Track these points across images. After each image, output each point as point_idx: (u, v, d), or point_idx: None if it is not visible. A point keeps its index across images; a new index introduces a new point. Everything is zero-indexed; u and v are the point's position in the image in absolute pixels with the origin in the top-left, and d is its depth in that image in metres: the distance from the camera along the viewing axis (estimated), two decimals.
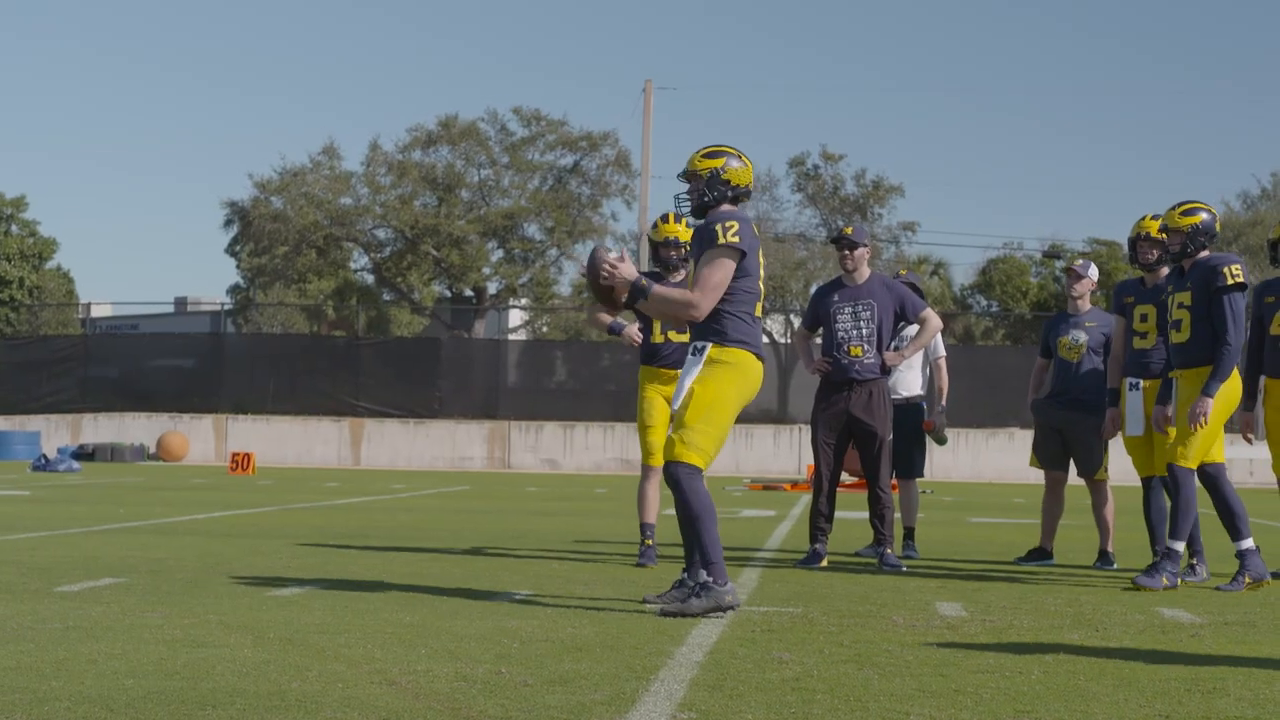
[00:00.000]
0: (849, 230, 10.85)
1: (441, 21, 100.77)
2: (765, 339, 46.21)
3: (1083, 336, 11.11)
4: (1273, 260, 10.46)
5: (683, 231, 10.56)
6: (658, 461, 10.44)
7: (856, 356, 10.65)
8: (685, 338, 10.56)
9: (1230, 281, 9.19)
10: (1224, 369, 9.13)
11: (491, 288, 53.74)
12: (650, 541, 10.72)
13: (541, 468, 36.41)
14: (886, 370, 10.78)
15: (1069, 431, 11.13)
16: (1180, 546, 9.38)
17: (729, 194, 7.97)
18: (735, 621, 7.36)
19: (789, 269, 46.85)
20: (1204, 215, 9.42)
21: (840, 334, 10.71)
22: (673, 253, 10.52)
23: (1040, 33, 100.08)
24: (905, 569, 10.53)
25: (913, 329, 11.54)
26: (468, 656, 6.10)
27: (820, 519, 10.72)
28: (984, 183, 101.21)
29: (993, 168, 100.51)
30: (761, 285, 7.92)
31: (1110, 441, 11.05)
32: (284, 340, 45.28)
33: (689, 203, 8.06)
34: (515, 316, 55.85)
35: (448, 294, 55.35)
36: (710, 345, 7.75)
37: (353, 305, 51.23)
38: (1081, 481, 11.34)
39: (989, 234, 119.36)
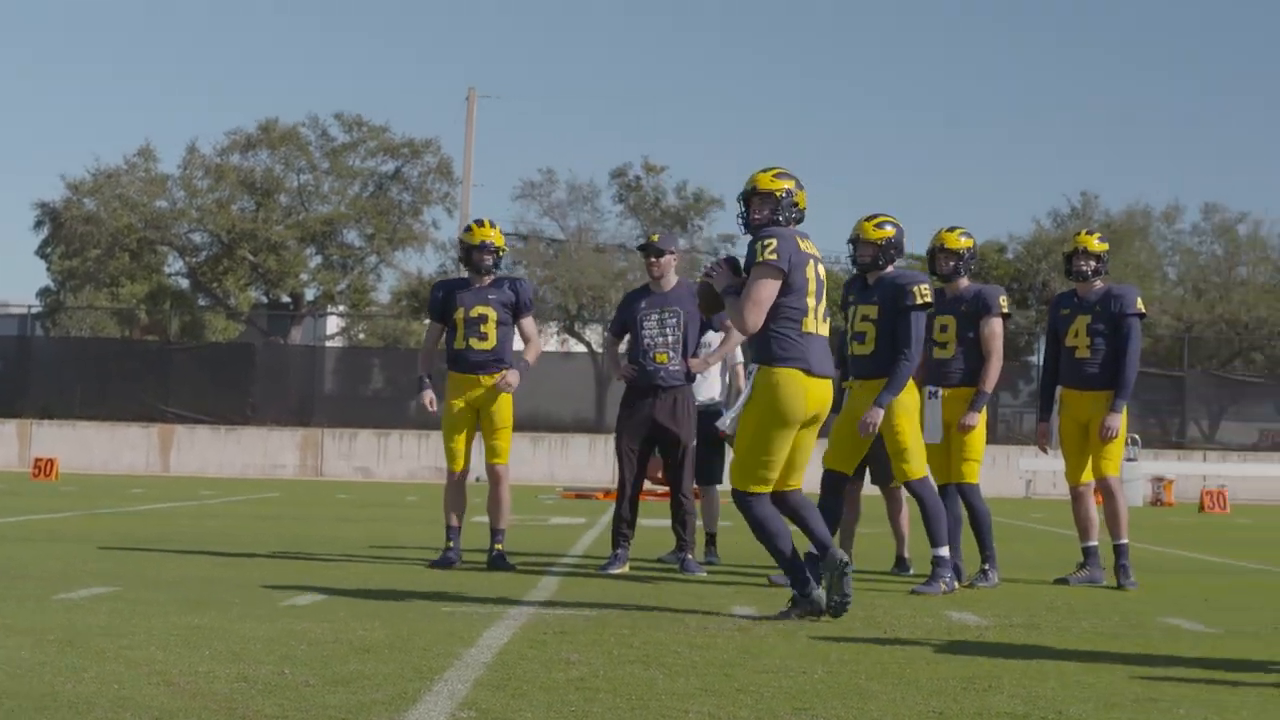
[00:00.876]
0: (655, 238, 10.91)
1: (263, 24, 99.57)
2: (583, 348, 46.35)
3: None
4: (1068, 273, 10.72)
5: (496, 236, 10.67)
6: (459, 466, 10.58)
7: (662, 363, 10.72)
8: (487, 345, 10.60)
9: (919, 301, 9.53)
10: (899, 382, 9.48)
11: (309, 294, 53.12)
12: (452, 544, 10.72)
13: (355, 475, 36.09)
14: (691, 377, 10.85)
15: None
16: (944, 552, 9.69)
17: (795, 216, 8.23)
18: (528, 624, 7.37)
19: (609, 279, 46.93)
20: (893, 230, 9.75)
21: (646, 340, 10.77)
22: (486, 257, 10.64)
23: (850, 50, 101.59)
24: (705, 574, 10.61)
25: (716, 337, 11.63)
26: (251, 658, 6.03)
27: (623, 524, 10.76)
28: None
29: (811, 182, 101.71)
30: (811, 300, 8.03)
31: None
32: (94, 344, 44.37)
33: (751, 220, 8.26)
34: (332, 323, 55.31)
35: (264, 300, 54.64)
36: (757, 368, 8.01)
37: (166, 310, 50.37)
38: (878, 490, 11.51)
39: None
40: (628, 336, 11.00)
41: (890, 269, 9.77)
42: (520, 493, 27.80)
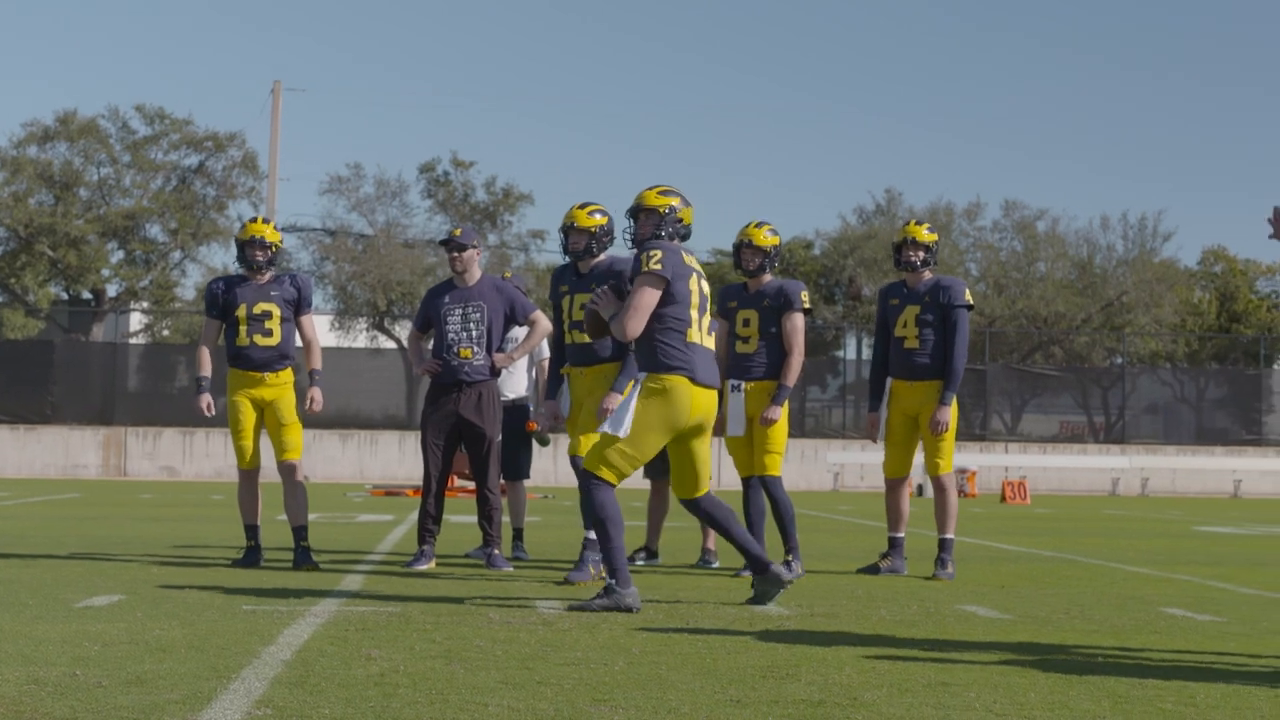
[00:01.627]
0: (457, 232, 10.87)
1: (61, 11, 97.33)
2: (393, 344, 46.00)
3: None
4: (897, 264, 10.82)
5: (269, 232, 10.59)
6: (249, 464, 10.49)
7: (466, 358, 10.68)
8: (271, 341, 10.49)
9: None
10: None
11: (111, 290, 52.04)
12: (254, 542, 10.60)
13: (159, 475, 35.45)
14: (496, 372, 10.83)
15: None
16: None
17: (681, 231, 8.54)
18: (330, 621, 7.31)
19: (418, 275, 46.58)
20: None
21: (450, 335, 10.72)
22: (258, 253, 10.56)
23: (656, 40, 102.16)
24: (512, 569, 10.61)
25: (521, 331, 11.63)
26: (42, 660, 5.90)
27: (429, 520, 10.72)
28: (614, 191, 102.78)
29: (621, 176, 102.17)
30: (694, 312, 8.26)
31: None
32: None
33: (636, 234, 8.58)
34: (136, 320, 54.24)
35: (65, 296, 53.44)
36: (646, 374, 8.17)
37: None
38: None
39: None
40: (432, 331, 10.95)
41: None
42: (329, 490, 27.54)
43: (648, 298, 8.11)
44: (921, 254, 10.72)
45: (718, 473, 29.62)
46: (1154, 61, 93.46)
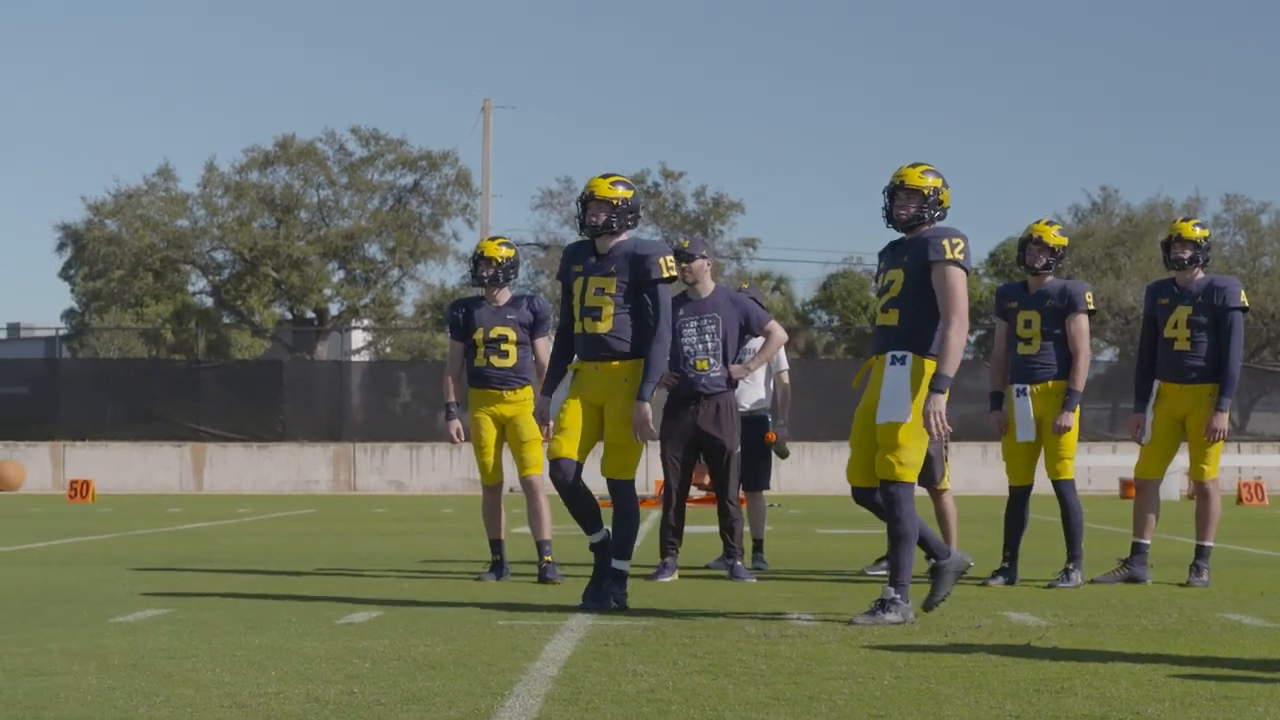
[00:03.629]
0: (685, 244, 10.88)
1: (278, 40, 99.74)
2: None
3: None
4: (1166, 262, 10.46)
5: (495, 250, 10.71)
6: (492, 480, 10.71)
7: (703, 370, 10.69)
8: (508, 363, 10.58)
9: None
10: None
11: (333, 309, 53.23)
12: (498, 557, 10.72)
13: (388, 489, 36.12)
14: (733, 383, 10.82)
15: None
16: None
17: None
18: (588, 636, 7.35)
19: None
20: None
21: (686, 348, 10.73)
22: (485, 271, 10.68)
23: (872, 48, 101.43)
24: (755, 580, 10.59)
25: (757, 342, 11.61)
26: (319, 677, 6.02)
27: (670, 533, 10.74)
28: (824, 198, 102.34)
29: (832, 183, 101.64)
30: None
31: (948, 452, 11.28)
32: (122, 365, 44.47)
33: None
34: (358, 338, 55.37)
35: (289, 316, 54.76)
36: (913, 355, 8.03)
37: (192, 329, 50.48)
38: (925, 491, 11.47)
39: (829, 249, 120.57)
40: None
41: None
42: (556, 502, 27.80)
43: (965, 287, 7.99)
44: (1189, 251, 10.30)
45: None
46: None
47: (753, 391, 12.00)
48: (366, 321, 53.13)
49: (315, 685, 5.82)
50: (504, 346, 10.64)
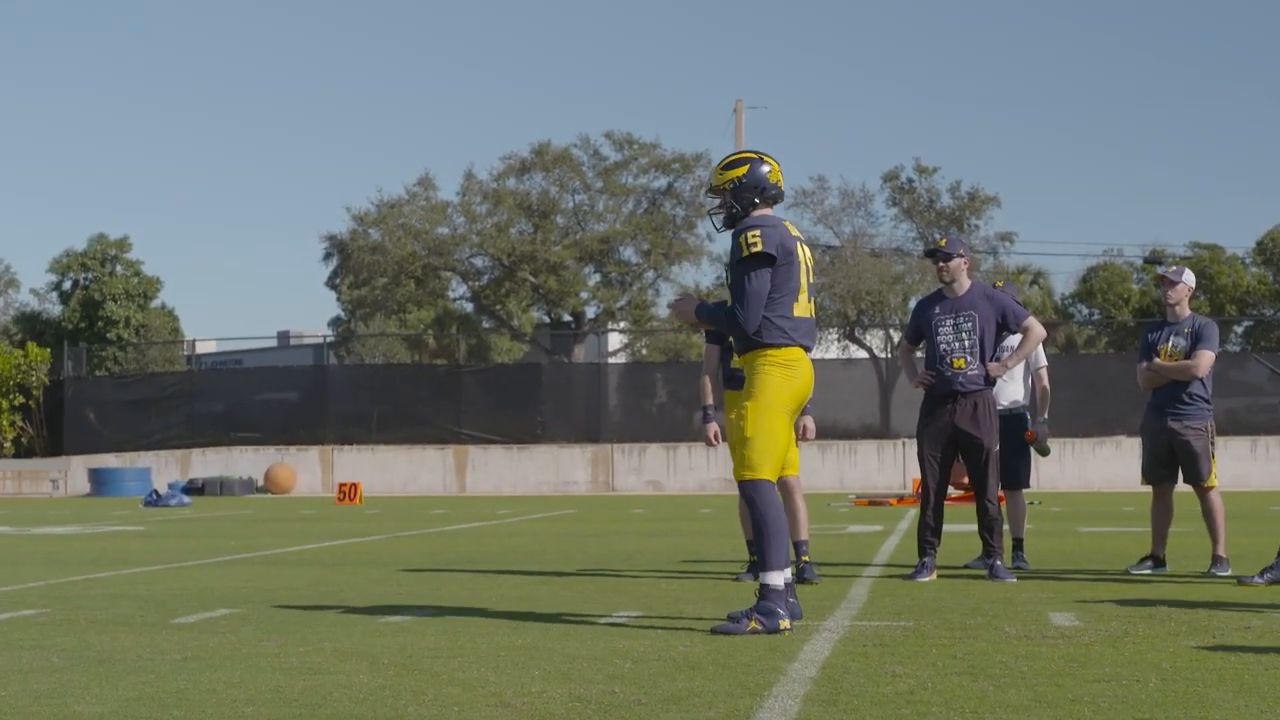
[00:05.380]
0: (943, 242, 10.77)
1: (531, 50, 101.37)
2: (864, 354, 46.06)
3: (1182, 343, 10.97)
4: None
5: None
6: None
7: (960, 368, 10.58)
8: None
9: None
10: None
11: (590, 312, 53.89)
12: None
13: (645, 490, 36.44)
14: (990, 381, 10.69)
15: (1174, 440, 10.98)
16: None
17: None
18: (846, 637, 7.34)
19: (886, 284, 46.57)
20: None
21: (943, 346, 10.64)
22: None
23: (1134, 37, 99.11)
24: (1015, 580, 10.45)
25: (1015, 339, 11.44)
26: (580, 677, 6.12)
27: (928, 532, 10.66)
28: (1082, 190, 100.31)
29: (1091, 175, 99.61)
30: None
31: (1215, 448, 11.03)
32: (386, 370, 45.67)
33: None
34: (614, 340, 55.93)
35: (546, 320, 55.57)
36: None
37: (453, 334, 51.55)
38: (1190, 488, 11.20)
39: (1088, 241, 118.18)
40: (924, 343, 10.89)
41: None
42: (812, 501, 27.78)
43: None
44: None
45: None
46: None
47: (1011, 389, 11.84)
48: (623, 324, 53.65)
49: (577, 685, 5.93)
50: None
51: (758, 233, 7.78)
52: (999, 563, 10.62)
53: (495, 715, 5.32)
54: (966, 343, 10.59)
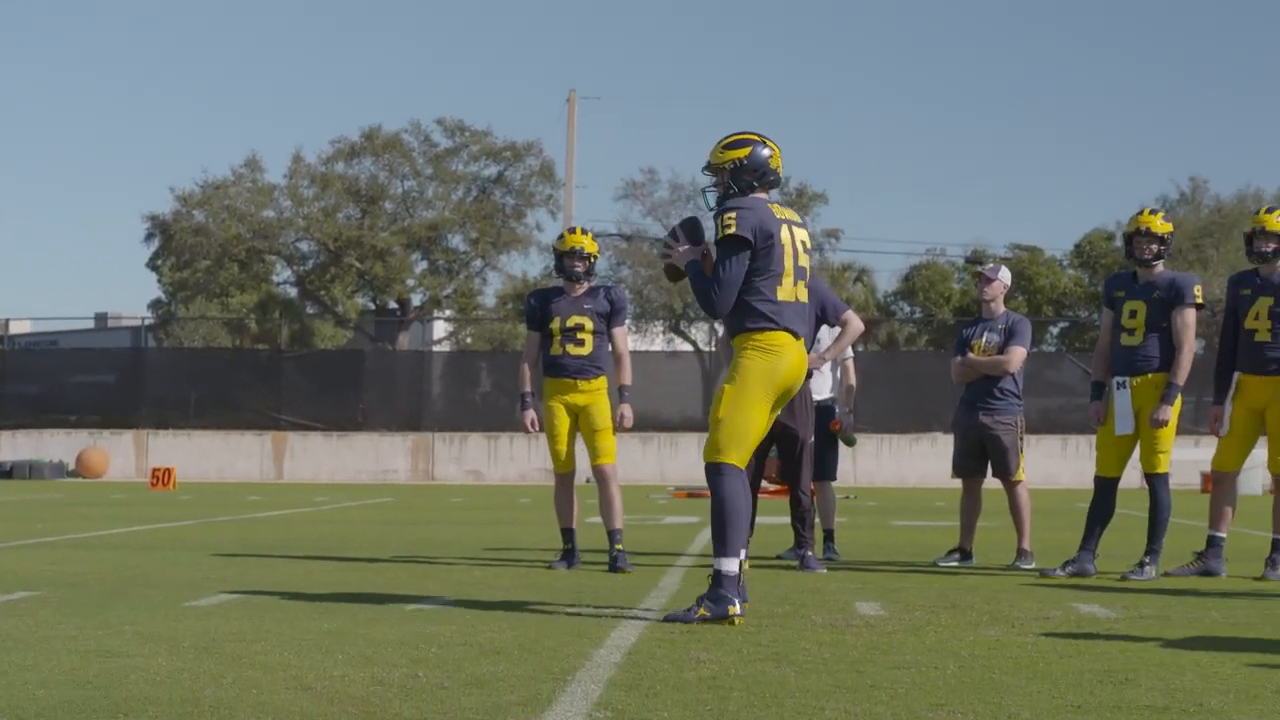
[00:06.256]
0: None
1: (363, 32, 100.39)
2: (689, 347, 46.32)
3: (995, 339, 11.19)
4: (1249, 254, 10.35)
5: (588, 243, 10.71)
6: (564, 469, 10.72)
7: None
8: (584, 351, 10.61)
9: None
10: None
11: (416, 299, 53.56)
12: (569, 546, 10.76)
13: (466, 479, 36.30)
14: (809, 373, 10.77)
15: (984, 434, 11.19)
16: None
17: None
18: (655, 624, 7.37)
19: None
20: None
21: None
22: (577, 264, 10.68)
23: (961, 39, 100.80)
24: (825, 570, 10.58)
25: (831, 333, 11.56)
26: (384, 661, 6.07)
27: None
28: (907, 190, 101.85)
29: (916, 174, 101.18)
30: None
31: (1025, 444, 11.27)
32: (206, 354, 44.96)
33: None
34: (440, 328, 55.67)
35: (371, 306, 55.14)
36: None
37: (275, 319, 50.93)
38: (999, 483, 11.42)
39: (912, 240, 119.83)
40: None
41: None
42: (632, 492, 27.85)
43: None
44: (1273, 244, 10.14)
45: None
46: None
47: (823, 382, 11.96)
48: (448, 312, 53.41)
49: (380, 669, 5.88)
50: (580, 335, 10.68)
51: (733, 215, 7.60)
52: (810, 553, 10.75)
53: (294, 698, 5.26)
54: None
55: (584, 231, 10.92)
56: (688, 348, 46.71)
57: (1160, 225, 10.18)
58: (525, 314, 11.01)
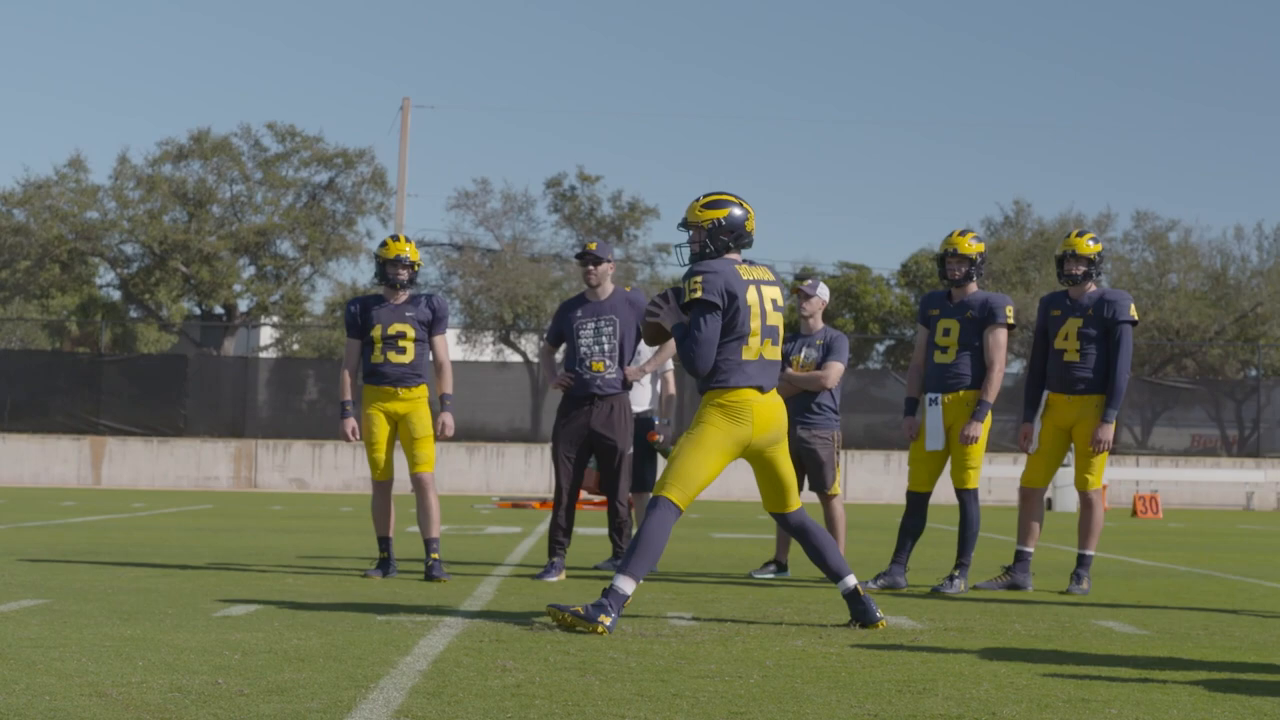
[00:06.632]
0: (593, 246, 10.90)
1: (193, 33, 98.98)
2: (519, 358, 46.26)
3: (814, 354, 11.32)
4: (1060, 276, 10.56)
5: (411, 251, 10.67)
6: (382, 477, 10.63)
7: (599, 371, 10.71)
8: (405, 359, 10.57)
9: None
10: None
11: (242, 305, 52.80)
12: (386, 554, 10.69)
13: (289, 487, 35.89)
14: (628, 385, 10.84)
15: (801, 448, 11.31)
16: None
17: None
18: (464, 633, 7.35)
19: (545, 289, 46.86)
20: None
21: (583, 349, 10.76)
22: (401, 272, 10.62)
23: (790, 61, 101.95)
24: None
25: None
26: (185, 668, 5.99)
27: (559, 533, 10.75)
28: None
29: (749, 192, 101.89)
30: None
31: (840, 458, 11.41)
32: (23, 356, 43.95)
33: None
34: (266, 334, 54.97)
35: (197, 311, 54.28)
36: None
37: (98, 322, 49.93)
38: (815, 497, 11.54)
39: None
40: (564, 345, 10.99)
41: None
42: (457, 502, 27.76)
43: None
44: (1084, 267, 10.44)
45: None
46: None
47: (642, 394, 12.04)
48: (275, 319, 52.76)
49: (180, 676, 5.80)
50: (402, 343, 10.63)
51: (699, 279, 7.86)
52: None
53: (88, 705, 5.16)
54: (606, 346, 10.73)
55: (407, 240, 10.88)
56: (517, 359, 46.61)
57: (969, 246, 10.40)
58: (345, 321, 10.94)
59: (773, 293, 8.10)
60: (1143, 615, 8.94)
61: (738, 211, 8.07)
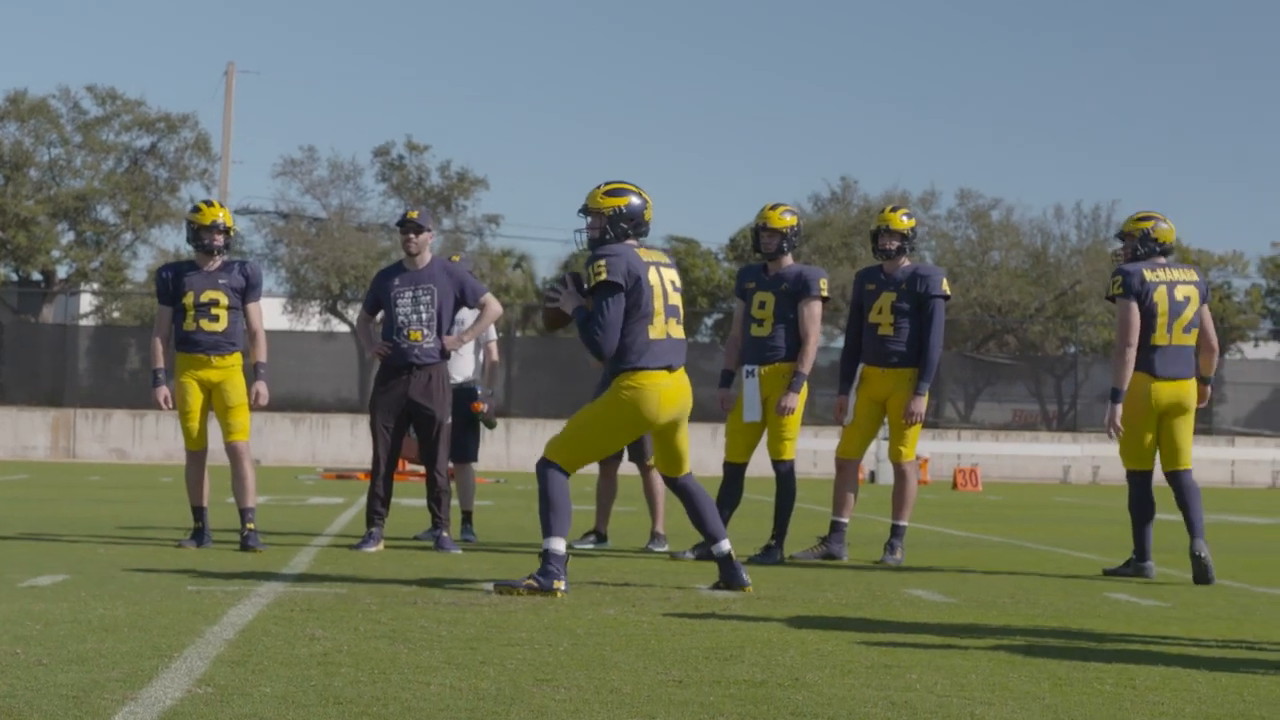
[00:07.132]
0: (414, 214, 10.83)
1: None
2: (346, 328, 45.83)
3: None
4: (874, 251, 10.71)
5: (225, 216, 10.54)
6: (196, 446, 10.57)
7: (416, 341, 10.65)
8: (218, 327, 10.45)
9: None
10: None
11: (61, 271, 51.66)
12: (201, 524, 10.56)
13: (109, 457, 35.23)
14: (446, 355, 10.80)
15: None
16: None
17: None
18: (275, 601, 7.29)
19: (371, 259, 46.37)
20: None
21: (401, 318, 10.69)
22: (216, 237, 10.49)
23: (624, 33, 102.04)
24: (461, 552, 10.61)
25: (471, 314, 11.59)
26: None
27: (377, 502, 10.69)
28: (569, 177, 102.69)
29: (578, 162, 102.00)
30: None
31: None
32: None
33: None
34: (86, 301, 53.88)
35: (14, 277, 53.03)
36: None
37: None
38: (634, 467, 11.61)
39: (572, 228, 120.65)
40: (382, 314, 10.91)
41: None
42: (281, 474, 27.44)
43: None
44: (897, 241, 10.62)
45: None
46: (1107, 50, 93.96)
47: (464, 364, 12.00)
48: (95, 285, 51.73)
49: None
50: (215, 311, 10.49)
51: (603, 263, 8.06)
52: (445, 534, 10.76)
53: None
54: (424, 315, 10.68)
55: (221, 205, 10.75)
56: (344, 329, 46.16)
57: (781, 220, 10.51)
58: (157, 287, 10.77)
59: (671, 274, 8.36)
60: (952, 584, 9.12)
61: (636, 200, 8.32)
